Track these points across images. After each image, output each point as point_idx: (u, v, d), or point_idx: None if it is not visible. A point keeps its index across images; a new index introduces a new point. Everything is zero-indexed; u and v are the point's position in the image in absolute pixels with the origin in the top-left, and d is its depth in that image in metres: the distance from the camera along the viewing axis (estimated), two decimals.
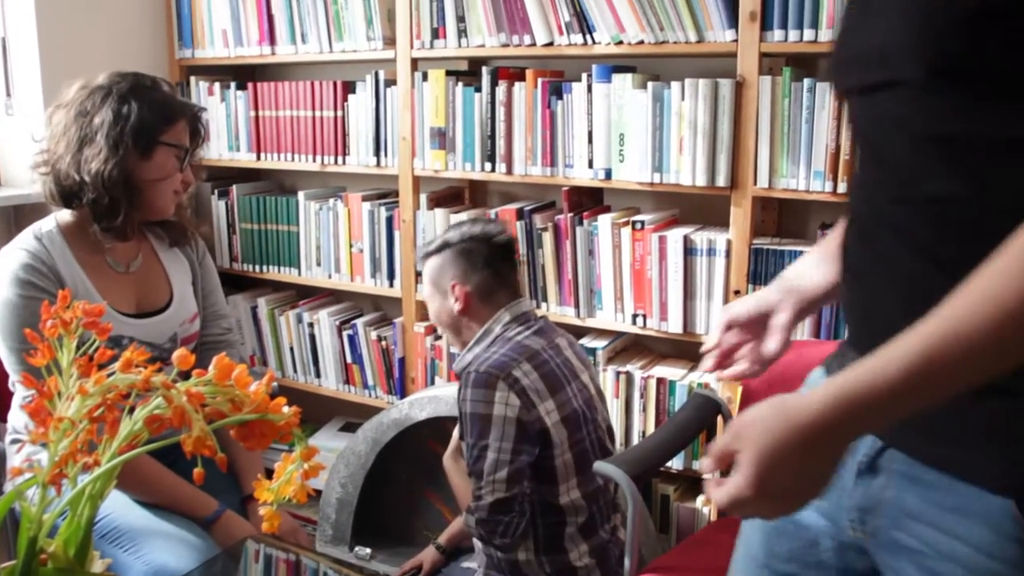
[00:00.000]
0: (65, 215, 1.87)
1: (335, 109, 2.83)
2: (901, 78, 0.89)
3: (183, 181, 1.92)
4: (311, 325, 3.03)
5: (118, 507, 1.76)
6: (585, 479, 1.90)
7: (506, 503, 1.79)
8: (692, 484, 2.53)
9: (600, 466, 1.79)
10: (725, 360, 1.22)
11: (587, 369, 2.03)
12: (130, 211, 1.83)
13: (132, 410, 0.96)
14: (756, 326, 1.20)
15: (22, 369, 1.74)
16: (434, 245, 2.00)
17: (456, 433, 2.06)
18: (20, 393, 1.85)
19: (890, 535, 0.99)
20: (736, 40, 2.17)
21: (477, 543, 1.94)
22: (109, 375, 0.95)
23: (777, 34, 2.12)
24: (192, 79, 3.14)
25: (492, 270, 1.96)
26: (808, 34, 2.09)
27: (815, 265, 1.19)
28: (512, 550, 1.86)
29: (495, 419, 1.79)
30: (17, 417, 1.89)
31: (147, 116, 1.81)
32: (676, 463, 2.40)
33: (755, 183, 2.21)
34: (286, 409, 0.94)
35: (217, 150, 3.08)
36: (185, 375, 0.96)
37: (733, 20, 2.17)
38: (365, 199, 2.86)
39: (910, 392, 0.79)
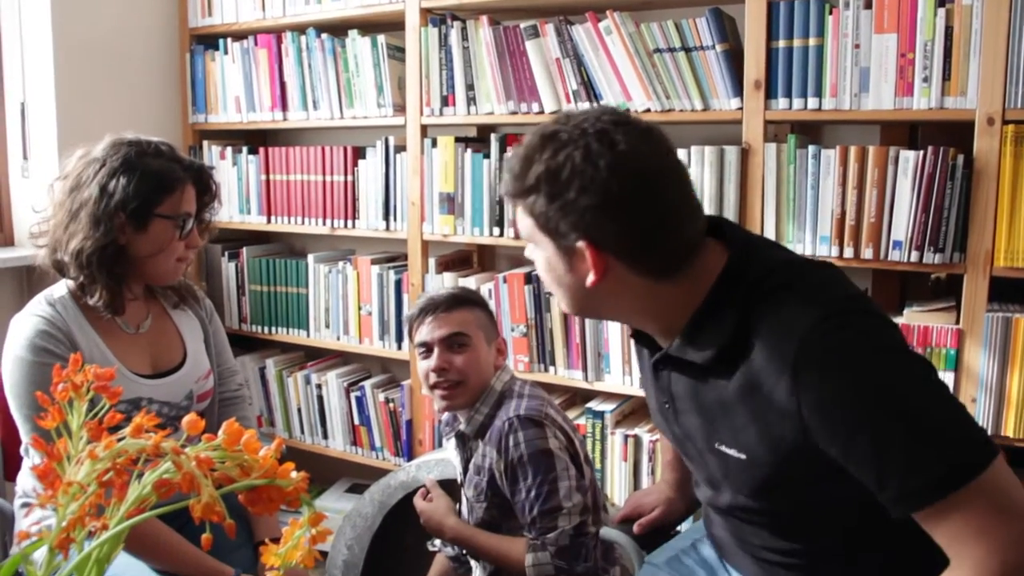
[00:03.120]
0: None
1: (345, 174, 2.87)
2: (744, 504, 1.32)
3: (188, 245, 1.86)
4: (319, 386, 3.03)
5: (132, 573, 1.75)
6: (596, 518, 1.92)
7: (584, 525, 1.82)
8: None
9: (607, 532, 1.79)
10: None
11: None
12: (117, 287, 1.80)
13: (141, 474, 0.96)
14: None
15: (33, 432, 1.73)
16: (475, 295, 2.05)
17: (431, 505, 2.05)
18: (31, 459, 1.85)
19: None
20: (741, 108, 2.21)
21: None
22: (119, 439, 0.95)
23: (782, 102, 2.16)
24: (205, 143, 3.19)
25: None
26: (812, 102, 2.12)
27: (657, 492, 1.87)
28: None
29: (555, 451, 1.83)
30: (27, 480, 1.89)
31: (141, 189, 1.75)
32: (685, 526, 2.37)
33: None
34: (294, 474, 0.94)
35: (228, 213, 3.12)
36: (195, 439, 0.97)
37: (738, 89, 2.20)
38: (374, 262, 2.88)
39: None
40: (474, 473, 1.96)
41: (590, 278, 1.23)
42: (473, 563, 2.05)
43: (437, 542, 2.20)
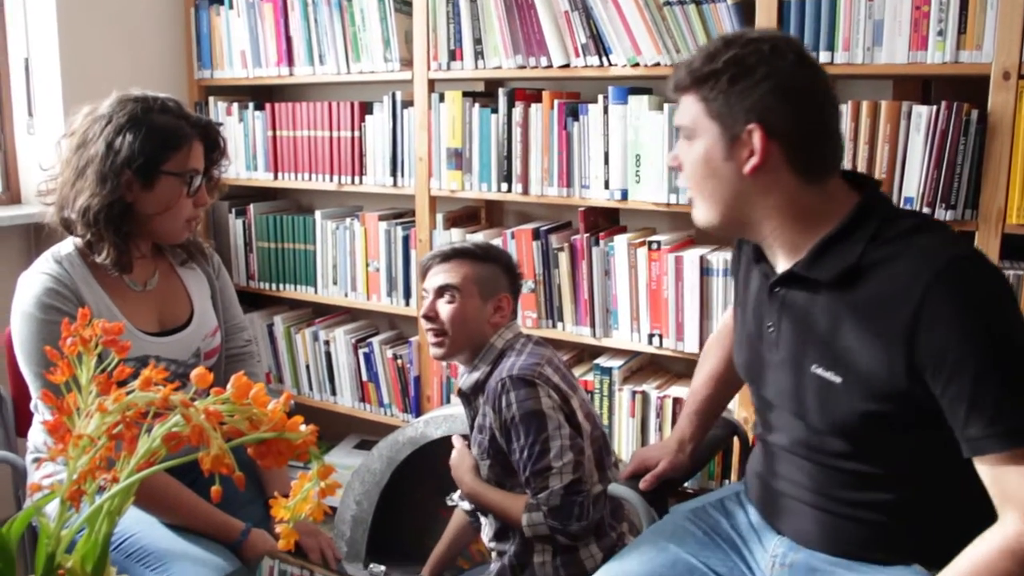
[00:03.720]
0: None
1: (352, 129, 2.85)
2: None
3: (196, 203, 1.85)
4: (327, 343, 3.04)
5: (144, 527, 1.76)
6: (603, 476, 1.94)
7: (576, 483, 1.84)
8: None
9: (615, 488, 1.79)
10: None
11: None
12: (124, 245, 1.79)
13: (151, 428, 0.97)
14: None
15: (43, 387, 1.74)
16: (484, 250, 2.03)
17: (457, 455, 2.07)
18: (41, 414, 1.86)
19: None
20: None
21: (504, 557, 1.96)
22: (128, 393, 0.95)
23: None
24: (211, 99, 3.17)
25: (517, 294, 2.07)
26: (824, 56, 2.09)
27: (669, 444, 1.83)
28: (584, 537, 1.88)
29: (547, 411, 1.85)
30: (37, 436, 1.90)
31: (147, 146, 1.74)
32: (692, 483, 2.39)
33: None
34: (303, 428, 0.95)
35: (235, 169, 3.10)
36: (203, 392, 0.97)
37: None
38: (382, 218, 2.88)
39: None
40: (477, 432, 1.98)
41: (750, 164, 1.32)
42: (482, 519, 2.07)
43: (455, 496, 2.22)
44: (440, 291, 1.97)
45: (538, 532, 1.86)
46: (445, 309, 1.96)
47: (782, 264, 1.42)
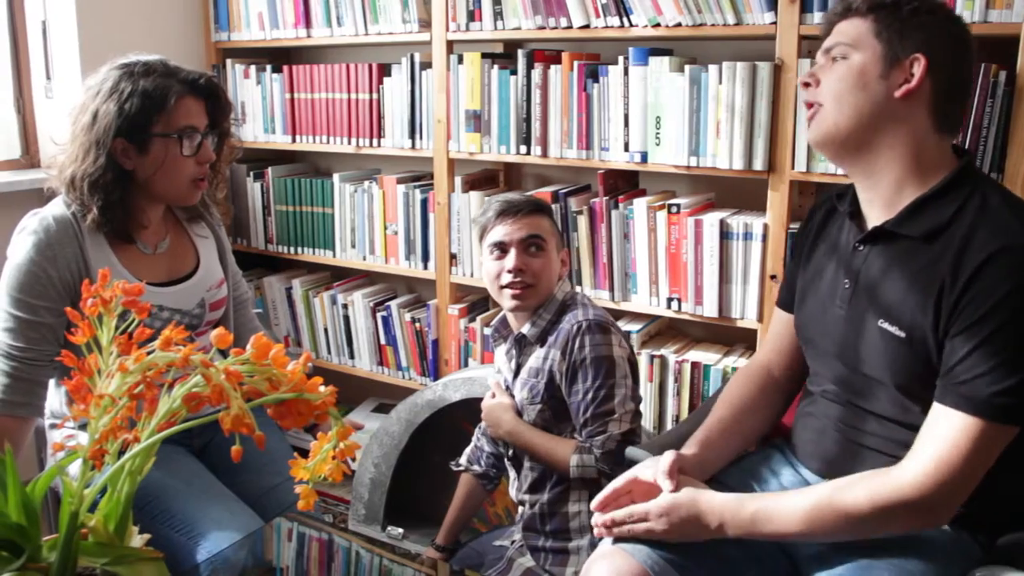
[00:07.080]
0: None
1: (370, 92, 2.84)
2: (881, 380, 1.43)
3: (199, 161, 1.84)
4: (345, 307, 3.04)
5: (168, 490, 1.77)
6: (638, 428, 1.96)
7: (630, 434, 1.88)
8: None
9: (632, 451, 1.79)
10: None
11: None
12: (118, 213, 1.80)
13: (171, 388, 0.97)
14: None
15: (5, 320, 1.74)
16: (547, 204, 2.06)
17: (493, 398, 2.07)
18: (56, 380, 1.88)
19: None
20: (775, 23, 2.14)
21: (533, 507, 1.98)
22: (148, 353, 0.95)
23: (817, 16, 2.09)
24: (228, 62, 3.15)
25: None
26: None
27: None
28: None
29: (617, 359, 1.90)
30: (53, 401, 1.91)
31: (129, 110, 1.74)
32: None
33: (792, 167, 2.19)
34: (323, 388, 0.95)
35: (253, 132, 3.10)
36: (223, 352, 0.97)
37: (772, 2, 2.14)
38: (400, 181, 2.87)
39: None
40: (530, 376, 1.98)
41: (904, 88, 1.37)
42: (512, 472, 2.07)
43: (462, 460, 2.23)
44: (526, 243, 1.97)
45: (586, 474, 1.88)
46: (534, 261, 1.97)
47: (872, 221, 1.46)
